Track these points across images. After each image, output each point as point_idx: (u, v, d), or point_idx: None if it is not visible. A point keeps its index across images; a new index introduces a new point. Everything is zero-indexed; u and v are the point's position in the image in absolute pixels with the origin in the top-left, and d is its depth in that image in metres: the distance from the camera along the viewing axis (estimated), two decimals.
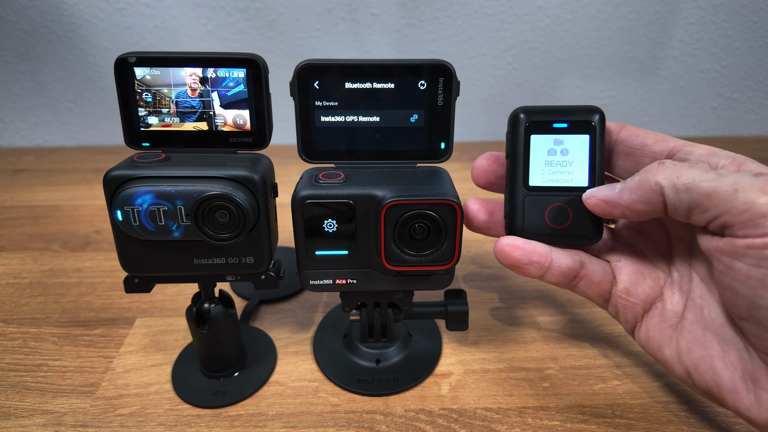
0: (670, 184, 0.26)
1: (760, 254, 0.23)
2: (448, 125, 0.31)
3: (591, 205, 0.30)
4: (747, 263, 0.23)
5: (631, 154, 0.31)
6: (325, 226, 0.30)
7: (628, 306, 0.31)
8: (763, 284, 0.23)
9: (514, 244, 0.31)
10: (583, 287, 0.32)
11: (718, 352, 0.26)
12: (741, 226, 0.23)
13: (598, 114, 0.31)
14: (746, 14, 0.74)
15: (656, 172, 0.27)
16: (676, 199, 0.26)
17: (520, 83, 0.79)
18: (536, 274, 0.31)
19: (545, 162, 0.31)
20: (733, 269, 0.24)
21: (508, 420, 0.33)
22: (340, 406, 0.34)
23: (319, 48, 0.75)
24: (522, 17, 0.74)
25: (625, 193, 0.28)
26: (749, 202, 0.23)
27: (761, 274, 0.23)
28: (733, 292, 0.24)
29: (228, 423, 0.33)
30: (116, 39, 0.74)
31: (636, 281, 0.31)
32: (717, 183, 0.24)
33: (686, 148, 0.29)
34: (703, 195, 0.25)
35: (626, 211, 0.28)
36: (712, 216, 0.25)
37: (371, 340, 0.38)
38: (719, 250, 0.25)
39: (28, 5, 0.72)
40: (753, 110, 0.82)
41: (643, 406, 0.34)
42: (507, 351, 0.39)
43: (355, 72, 0.30)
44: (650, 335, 0.30)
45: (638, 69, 0.78)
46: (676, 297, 0.30)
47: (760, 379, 0.24)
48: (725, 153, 0.28)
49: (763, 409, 0.24)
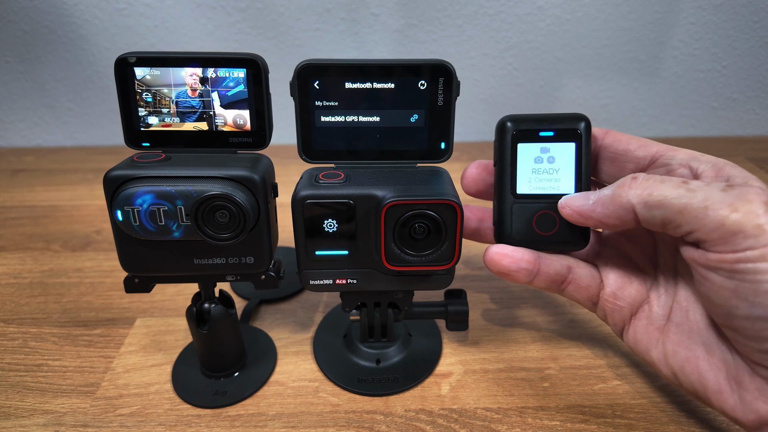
0: (641, 201, 0.26)
1: (732, 267, 0.23)
2: (448, 125, 0.31)
3: (566, 215, 0.30)
4: (721, 275, 0.24)
5: (616, 159, 0.31)
6: (325, 226, 0.30)
7: (616, 309, 0.31)
8: (737, 295, 0.23)
9: (503, 252, 0.31)
10: (571, 291, 0.32)
11: (703, 354, 0.27)
12: (712, 243, 0.24)
13: (583, 122, 0.31)
14: (746, 14, 0.74)
15: (628, 188, 0.27)
16: (649, 215, 0.26)
17: (520, 83, 0.79)
18: (525, 280, 0.32)
19: (532, 170, 0.32)
20: (708, 280, 0.25)
21: (508, 420, 0.33)
22: (340, 406, 0.34)
23: (319, 48, 0.75)
24: (522, 17, 0.74)
25: (597, 207, 0.28)
26: (719, 220, 0.23)
27: (734, 285, 0.23)
28: (710, 301, 0.25)
29: (228, 423, 0.33)
30: (116, 39, 0.74)
31: (623, 285, 0.31)
32: (687, 200, 0.24)
33: (668, 153, 0.29)
34: (675, 212, 0.25)
35: (598, 225, 0.29)
36: (685, 231, 0.25)
37: (371, 340, 0.38)
38: (695, 260, 0.25)
39: (28, 5, 0.72)
40: (753, 110, 0.82)
41: (644, 406, 0.34)
42: (507, 351, 0.39)
43: (355, 72, 0.30)
44: (638, 337, 0.30)
45: (638, 69, 0.78)
46: (662, 300, 0.30)
47: (744, 380, 0.25)
48: (706, 158, 0.28)
49: (747, 409, 0.25)
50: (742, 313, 0.23)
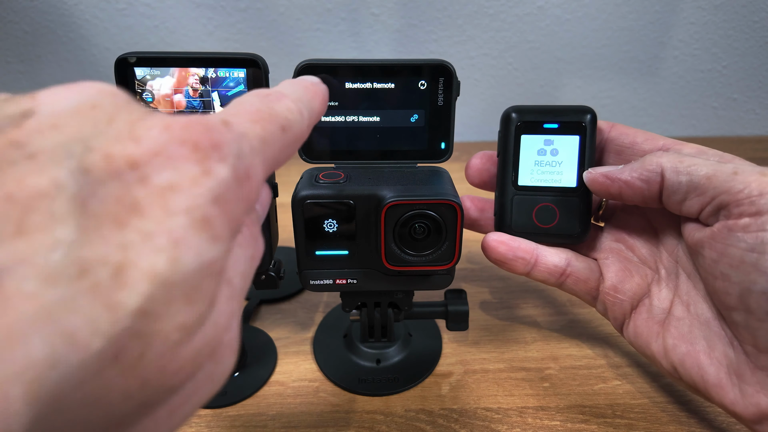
0: (672, 166, 0.27)
1: (755, 237, 0.23)
2: (448, 125, 0.31)
3: (589, 180, 0.30)
4: (741, 248, 0.24)
5: (622, 152, 0.32)
6: (326, 226, 0.30)
7: (616, 303, 0.31)
8: (757, 269, 0.23)
9: (500, 240, 0.32)
10: (570, 284, 0.32)
11: (703, 348, 0.27)
12: (737, 204, 0.24)
13: (589, 114, 0.31)
14: (746, 14, 0.74)
15: (660, 155, 0.28)
16: (675, 180, 0.26)
17: (520, 83, 0.79)
18: (522, 270, 0.32)
19: (535, 162, 0.32)
20: (726, 255, 0.25)
21: (508, 420, 0.33)
22: (340, 406, 0.34)
23: (319, 48, 0.75)
24: (522, 17, 0.74)
25: (626, 170, 0.29)
26: (747, 181, 0.24)
27: (755, 258, 0.23)
28: (726, 279, 0.25)
29: (228, 423, 0.33)
30: (116, 39, 0.74)
31: (623, 278, 0.31)
32: (717, 167, 0.25)
33: (675, 146, 0.29)
34: (703, 176, 0.25)
35: (623, 188, 0.29)
36: (709, 198, 0.25)
37: (371, 340, 0.38)
38: (712, 237, 0.25)
39: (28, 5, 0.72)
40: (753, 110, 0.82)
41: (644, 406, 0.34)
42: (507, 351, 0.39)
43: (356, 72, 0.30)
44: (638, 331, 0.30)
45: (638, 69, 0.78)
46: (663, 293, 0.30)
47: (745, 374, 0.25)
48: (713, 152, 0.28)
49: (747, 403, 0.25)
50: (760, 288, 0.23)
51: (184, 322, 0.11)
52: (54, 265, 0.09)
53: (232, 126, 0.14)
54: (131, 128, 0.12)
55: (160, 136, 0.12)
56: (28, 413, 0.09)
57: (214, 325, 0.12)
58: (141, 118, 0.13)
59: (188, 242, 0.11)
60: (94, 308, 0.10)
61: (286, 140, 0.17)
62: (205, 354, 0.12)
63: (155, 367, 0.11)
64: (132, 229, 0.11)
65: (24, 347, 0.09)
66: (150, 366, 0.11)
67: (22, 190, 0.10)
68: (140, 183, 0.11)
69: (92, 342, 0.10)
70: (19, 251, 0.09)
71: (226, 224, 0.13)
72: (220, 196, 0.12)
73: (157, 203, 0.11)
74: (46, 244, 0.10)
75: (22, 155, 0.11)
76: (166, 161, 0.12)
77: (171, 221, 0.11)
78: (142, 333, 0.11)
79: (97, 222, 0.10)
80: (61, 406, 0.10)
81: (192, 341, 0.12)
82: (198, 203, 0.12)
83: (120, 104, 0.13)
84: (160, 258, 0.11)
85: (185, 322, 0.11)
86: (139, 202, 0.11)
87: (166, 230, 0.11)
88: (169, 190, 0.12)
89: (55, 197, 0.10)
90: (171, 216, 0.11)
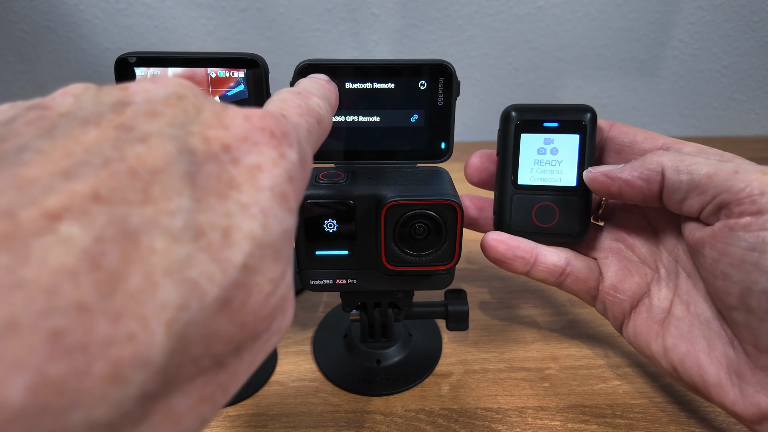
0: (673, 165, 0.27)
1: (756, 236, 0.23)
2: (448, 125, 0.31)
3: (589, 179, 0.30)
4: (742, 247, 0.24)
5: (622, 151, 0.31)
6: (326, 226, 0.30)
7: (616, 302, 0.31)
8: (757, 268, 0.23)
9: (500, 239, 0.32)
10: (569, 284, 0.32)
11: (703, 348, 0.27)
12: (738, 203, 0.24)
13: (589, 113, 0.31)
14: (746, 14, 0.74)
15: (660, 154, 0.28)
16: (676, 179, 0.26)
17: (520, 83, 0.79)
18: (521, 269, 0.32)
19: (534, 161, 0.32)
20: (727, 255, 0.25)
21: (508, 420, 0.33)
22: (340, 406, 0.34)
23: (319, 48, 0.75)
24: (522, 17, 0.74)
25: (626, 169, 0.29)
26: (748, 180, 0.24)
27: (755, 258, 0.23)
28: (727, 279, 0.25)
29: (228, 423, 0.33)
30: (116, 39, 0.74)
31: (623, 277, 0.31)
32: (718, 166, 0.25)
33: (675, 145, 0.29)
34: (703, 175, 0.25)
35: (623, 186, 0.29)
36: (710, 197, 0.25)
37: (371, 340, 0.38)
38: (713, 236, 0.25)
39: (28, 5, 0.72)
40: (753, 110, 0.82)
41: (644, 406, 0.34)
42: (507, 351, 0.39)
43: (355, 72, 0.30)
44: (637, 331, 0.30)
45: (638, 69, 0.78)
46: (663, 293, 0.30)
47: (745, 374, 0.25)
48: (713, 151, 0.28)
49: (747, 403, 0.25)
50: (761, 287, 0.23)
51: (273, 276, 0.14)
52: (177, 227, 0.11)
53: (288, 119, 0.17)
54: (218, 117, 0.14)
55: (244, 125, 0.15)
56: (166, 346, 0.11)
57: (286, 282, 0.15)
58: (224, 109, 0.15)
59: (274, 212, 0.14)
60: (210, 263, 0.12)
61: (321, 131, 0.20)
62: (280, 306, 0.15)
63: (252, 314, 0.13)
64: (232, 200, 0.13)
65: (162, 292, 0.11)
66: (249, 312, 0.13)
67: (142, 166, 0.12)
68: (233, 163, 0.14)
69: (210, 290, 0.12)
70: (149, 215, 0.11)
71: (296, 199, 0.15)
72: (293, 176, 0.15)
73: (248, 180, 0.14)
74: (169, 211, 0.12)
75: (134, 137, 0.12)
76: (251, 146, 0.14)
77: (260, 195, 0.14)
78: (245, 284, 0.13)
79: (204, 194, 0.13)
80: (186, 343, 0.11)
81: (276, 293, 0.14)
82: (278, 181, 0.14)
83: (199, 96, 0.15)
84: (256, 224, 0.13)
85: (274, 276, 0.14)
86: (235, 178, 0.13)
87: (257, 202, 0.13)
88: (256, 169, 0.14)
89: (170, 172, 0.12)
90: (259, 191, 0.14)
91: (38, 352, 0.09)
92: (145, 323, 0.10)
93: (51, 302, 0.09)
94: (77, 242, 0.10)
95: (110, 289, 0.10)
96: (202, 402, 0.13)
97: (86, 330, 0.10)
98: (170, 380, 0.11)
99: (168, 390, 0.11)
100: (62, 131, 0.12)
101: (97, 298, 0.10)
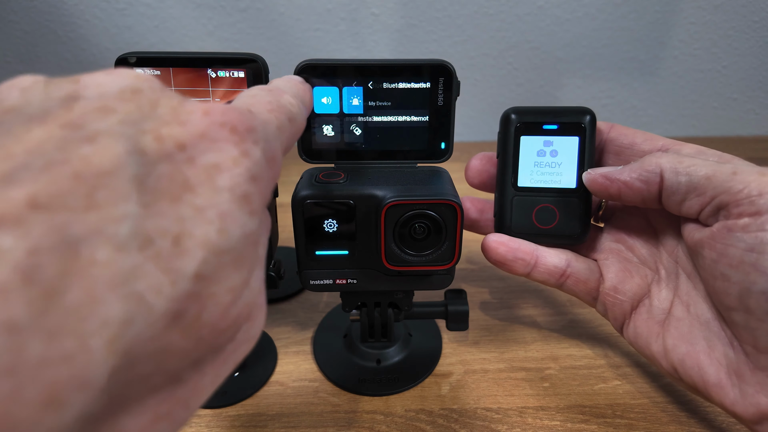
0: (671, 167, 0.27)
1: (754, 237, 0.23)
2: (448, 125, 0.31)
3: (588, 181, 0.30)
4: (740, 248, 0.24)
5: (621, 153, 0.32)
6: (326, 226, 0.30)
7: (616, 303, 0.31)
8: (756, 269, 0.23)
9: (500, 241, 0.32)
10: (570, 285, 0.32)
11: (703, 348, 0.27)
12: (736, 204, 0.24)
13: (588, 115, 0.31)
14: (746, 14, 0.74)
15: (659, 156, 0.28)
16: (675, 181, 0.26)
17: (520, 83, 0.79)
18: (522, 271, 0.32)
19: (534, 163, 0.32)
20: (726, 256, 0.25)
21: (508, 420, 0.33)
22: (340, 406, 0.34)
23: (319, 48, 0.75)
24: (522, 17, 0.74)
25: (625, 171, 0.29)
26: (746, 181, 0.24)
27: (754, 258, 0.23)
28: (726, 280, 0.25)
29: (228, 423, 0.33)
30: (116, 39, 0.74)
31: (623, 278, 0.31)
32: (716, 167, 0.25)
33: (674, 147, 0.30)
34: (702, 177, 0.25)
35: (622, 188, 0.29)
36: (708, 198, 0.25)
37: (371, 340, 0.38)
38: (712, 237, 0.25)
39: (28, 5, 0.72)
40: (753, 110, 0.82)
41: (644, 406, 0.34)
42: (507, 351, 0.39)
43: (355, 72, 0.30)
44: (638, 332, 0.30)
45: (638, 69, 0.78)
46: (663, 294, 0.30)
47: (745, 374, 0.25)
48: (712, 152, 0.28)
49: (747, 403, 0.25)
50: (760, 288, 0.23)
51: (234, 285, 0.13)
52: (123, 236, 0.11)
53: (255, 114, 0.16)
54: (175, 113, 0.13)
55: (202, 120, 0.13)
56: (107, 365, 0.10)
57: (251, 289, 0.14)
58: (181, 103, 0.14)
59: (233, 215, 0.13)
60: (158, 274, 0.11)
61: (293, 130, 0.19)
62: (245, 315, 0.14)
63: (209, 327, 0.12)
64: (185, 204, 0.12)
65: (104, 307, 0.10)
66: (205, 325, 0.12)
67: (87, 169, 0.11)
68: (188, 163, 0.13)
69: (158, 303, 0.11)
70: (92, 223, 0.10)
71: (260, 200, 0.14)
72: (256, 176, 0.14)
73: (205, 181, 0.13)
74: (114, 217, 0.11)
75: (81, 136, 0.11)
76: (210, 143, 0.13)
77: (218, 197, 0.13)
78: (199, 295, 0.12)
79: (155, 197, 0.12)
80: (132, 360, 0.11)
81: (238, 303, 0.13)
82: (238, 182, 0.13)
83: (157, 89, 0.14)
84: (211, 229, 0.12)
85: (234, 285, 0.13)
86: (189, 180, 0.12)
87: (214, 205, 0.13)
88: (214, 169, 0.13)
89: (118, 175, 0.11)
90: (217, 192, 0.13)
91: None
92: (83, 341, 0.10)
93: None
94: (9, 255, 0.09)
95: (45, 306, 0.09)
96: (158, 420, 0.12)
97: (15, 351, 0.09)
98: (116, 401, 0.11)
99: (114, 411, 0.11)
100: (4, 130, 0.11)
101: (30, 317, 0.09)
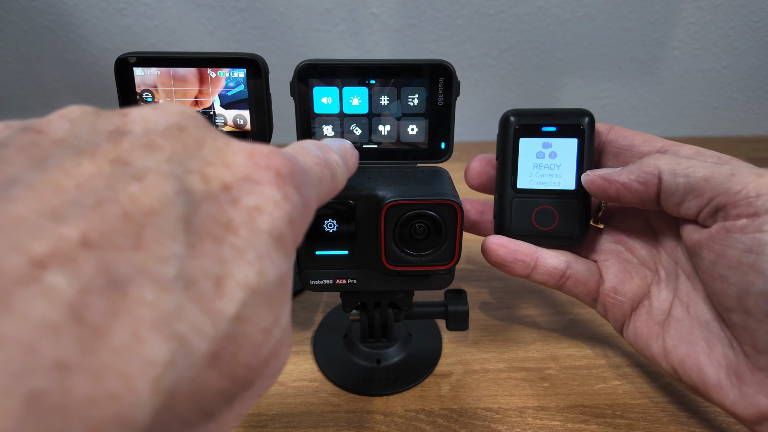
0: (669, 168, 0.27)
1: (752, 238, 0.23)
2: (448, 125, 0.31)
3: (587, 182, 0.30)
4: (738, 249, 0.24)
5: (620, 154, 0.32)
6: (326, 225, 0.30)
7: (616, 304, 0.31)
8: (754, 270, 0.23)
9: (500, 243, 0.32)
10: (570, 286, 0.33)
11: (703, 349, 0.27)
12: (734, 206, 0.24)
13: (587, 117, 0.31)
14: (746, 14, 0.74)
15: (657, 158, 0.28)
16: (673, 182, 0.27)
17: (520, 83, 0.79)
18: (522, 272, 0.32)
19: (533, 165, 0.32)
20: (724, 257, 0.25)
21: (508, 420, 0.33)
22: (340, 406, 0.34)
23: (319, 48, 0.75)
24: (522, 17, 0.74)
25: (623, 172, 0.29)
26: (744, 182, 0.24)
27: (752, 259, 0.23)
28: (724, 281, 0.25)
29: None
30: (116, 39, 0.74)
31: (623, 279, 0.32)
32: (714, 168, 0.25)
33: (673, 148, 0.30)
34: (700, 178, 0.26)
35: (621, 190, 0.29)
36: (706, 199, 0.25)
37: (371, 340, 0.38)
38: (710, 238, 0.25)
39: (28, 5, 0.72)
40: (753, 110, 0.82)
41: (644, 406, 0.34)
42: (507, 351, 0.39)
43: (355, 72, 0.30)
44: (638, 333, 0.30)
45: (638, 69, 0.78)
46: (663, 295, 0.30)
47: (744, 375, 0.25)
48: (711, 153, 0.28)
49: (747, 404, 0.25)
50: (758, 289, 0.23)
51: (267, 325, 0.13)
52: (169, 276, 0.11)
53: (299, 161, 0.16)
54: (220, 153, 0.14)
55: (247, 162, 0.14)
56: (151, 405, 0.10)
57: (281, 326, 0.14)
58: (226, 144, 0.14)
59: (271, 257, 0.13)
60: (200, 315, 0.11)
61: (333, 186, 0.19)
62: (274, 352, 0.14)
63: (244, 366, 0.13)
64: (227, 245, 0.12)
65: (149, 347, 0.10)
66: (240, 365, 0.12)
67: (136, 208, 0.11)
68: (231, 204, 0.13)
69: (200, 344, 0.11)
70: (140, 263, 0.11)
71: (294, 243, 0.15)
72: (293, 219, 0.14)
73: (247, 222, 0.13)
74: (161, 257, 0.11)
75: (129, 173, 0.12)
76: (253, 185, 0.14)
77: (258, 239, 0.13)
78: (236, 336, 0.12)
79: (200, 238, 0.12)
80: (173, 401, 0.11)
81: (270, 341, 0.13)
82: (277, 225, 0.14)
83: (202, 128, 0.14)
84: (251, 270, 0.13)
85: (267, 325, 0.13)
86: (232, 221, 0.13)
87: (254, 247, 0.13)
88: (255, 211, 0.13)
89: (165, 215, 0.11)
90: (257, 234, 0.13)
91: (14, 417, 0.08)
92: (129, 381, 0.10)
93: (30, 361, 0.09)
94: (62, 294, 0.09)
95: (93, 345, 0.09)
96: None
97: (66, 391, 0.09)
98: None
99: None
100: (54, 162, 0.12)
101: (79, 356, 0.09)
